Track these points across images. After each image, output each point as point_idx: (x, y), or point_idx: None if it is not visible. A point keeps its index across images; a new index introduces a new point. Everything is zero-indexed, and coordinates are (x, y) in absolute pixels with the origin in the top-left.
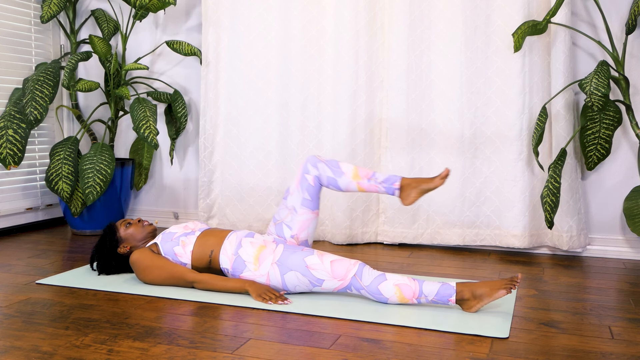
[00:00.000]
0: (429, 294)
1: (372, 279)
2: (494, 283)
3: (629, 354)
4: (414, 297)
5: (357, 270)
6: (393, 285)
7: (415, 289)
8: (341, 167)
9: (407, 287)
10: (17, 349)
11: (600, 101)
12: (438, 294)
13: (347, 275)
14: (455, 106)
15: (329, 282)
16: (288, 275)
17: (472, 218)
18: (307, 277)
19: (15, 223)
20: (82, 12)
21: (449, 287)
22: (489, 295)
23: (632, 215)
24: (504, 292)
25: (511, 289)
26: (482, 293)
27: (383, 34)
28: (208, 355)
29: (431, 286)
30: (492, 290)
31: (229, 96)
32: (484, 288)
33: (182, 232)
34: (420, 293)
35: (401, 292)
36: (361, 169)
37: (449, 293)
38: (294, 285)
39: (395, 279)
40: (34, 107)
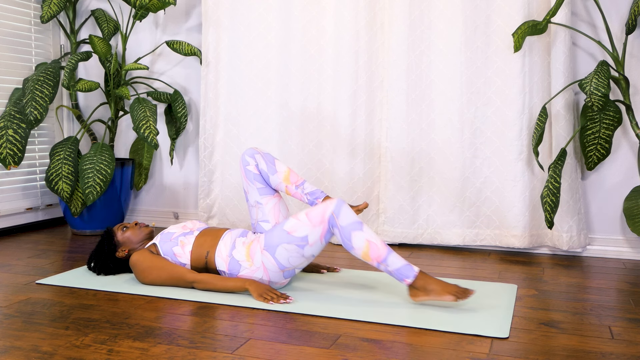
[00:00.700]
0: (390, 265)
1: (350, 222)
2: (448, 286)
3: (629, 354)
4: (376, 260)
5: (335, 207)
6: (365, 240)
7: (382, 254)
8: (275, 165)
9: (375, 248)
10: (17, 349)
11: (600, 101)
12: (398, 270)
13: (325, 216)
14: (455, 106)
15: (312, 233)
16: (277, 252)
17: (472, 218)
18: (293, 243)
19: (15, 223)
20: (82, 12)
21: (411, 270)
22: (438, 294)
23: (632, 215)
24: (451, 298)
25: (459, 299)
26: (432, 289)
27: (383, 34)
28: (208, 355)
29: (396, 260)
30: (442, 291)
31: (229, 96)
32: (436, 286)
33: (181, 232)
34: (384, 260)
35: (368, 249)
36: (293, 174)
37: (407, 275)
38: (287, 259)
39: (370, 235)
40: (34, 107)
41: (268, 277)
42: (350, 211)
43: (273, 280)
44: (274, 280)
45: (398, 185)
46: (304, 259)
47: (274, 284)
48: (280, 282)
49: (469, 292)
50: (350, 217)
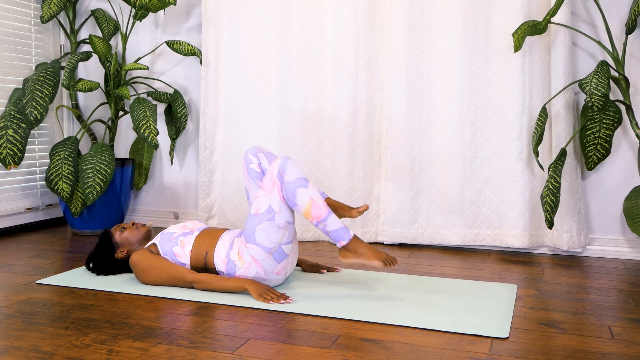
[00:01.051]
0: (329, 225)
1: (296, 177)
2: (378, 253)
3: (629, 354)
4: (316, 219)
5: (281, 164)
6: (308, 197)
7: (322, 213)
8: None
9: (317, 207)
10: (17, 349)
11: (600, 101)
12: (335, 232)
13: (274, 176)
14: (455, 106)
15: (273, 200)
16: (257, 238)
17: (472, 218)
18: (264, 220)
19: (15, 223)
20: (82, 12)
21: (347, 233)
22: (367, 257)
23: (632, 215)
24: (378, 263)
25: (386, 266)
26: (363, 253)
27: (383, 34)
28: (208, 355)
29: (335, 222)
30: (372, 256)
31: (229, 96)
32: (367, 250)
33: (181, 232)
34: (324, 219)
35: (310, 207)
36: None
37: (343, 237)
38: (268, 238)
39: (313, 194)
40: (34, 107)
41: (262, 268)
42: (296, 168)
43: (268, 269)
44: (268, 269)
45: (398, 185)
46: (281, 229)
47: (272, 280)
48: (275, 271)
49: (395, 261)
50: (296, 173)
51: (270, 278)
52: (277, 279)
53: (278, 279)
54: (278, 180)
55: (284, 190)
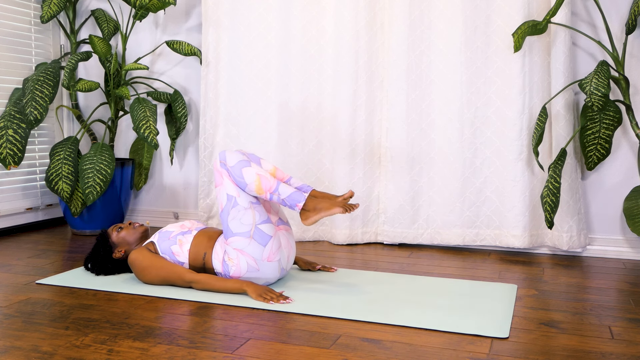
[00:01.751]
0: (282, 193)
1: (237, 160)
2: (335, 201)
3: (629, 354)
4: (268, 192)
5: (220, 155)
6: (255, 174)
7: (272, 185)
8: (262, 164)
9: (266, 180)
10: (17, 349)
11: (600, 101)
12: (289, 197)
13: (217, 167)
14: (455, 106)
15: (228, 188)
16: (232, 228)
17: (472, 218)
18: (229, 209)
19: (15, 223)
20: (82, 12)
21: (300, 195)
22: (327, 209)
23: (632, 215)
24: (339, 210)
25: (347, 211)
26: (321, 207)
27: (383, 34)
28: (208, 355)
29: (287, 189)
30: (330, 206)
31: (229, 96)
32: (325, 203)
33: (179, 230)
34: (275, 189)
35: (260, 182)
36: (279, 171)
37: (298, 199)
38: (240, 223)
39: (258, 170)
40: (34, 107)
41: (251, 257)
42: (235, 154)
43: (256, 256)
44: (257, 255)
45: (398, 185)
46: (248, 210)
47: (267, 271)
48: (265, 256)
49: (354, 206)
50: (236, 157)
51: (264, 268)
52: (272, 268)
53: (273, 269)
54: (223, 169)
55: (231, 175)
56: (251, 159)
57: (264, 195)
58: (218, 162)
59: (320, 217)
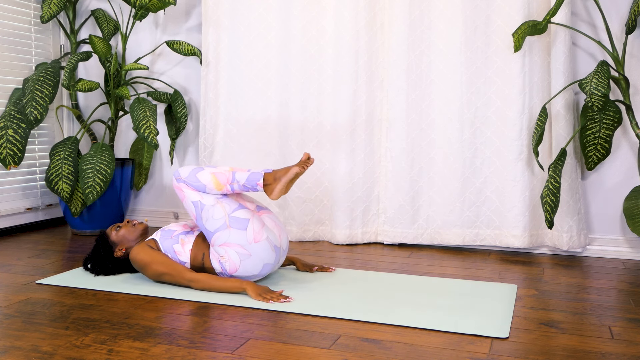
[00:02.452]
0: (240, 179)
1: (190, 170)
2: (290, 167)
3: (629, 354)
4: (227, 183)
5: (174, 175)
6: (209, 173)
7: (229, 176)
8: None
9: (221, 175)
10: (17, 349)
11: (600, 101)
12: (248, 180)
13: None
14: (455, 106)
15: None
16: (210, 228)
17: (472, 218)
18: (199, 214)
19: (15, 223)
20: (82, 12)
21: (257, 174)
22: (284, 174)
23: (632, 215)
24: (296, 169)
25: (303, 168)
26: (279, 175)
27: (383, 34)
28: (208, 355)
29: (243, 174)
30: (287, 170)
31: (229, 96)
32: (281, 171)
33: (182, 230)
34: (233, 179)
35: (217, 179)
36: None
37: (257, 178)
38: (213, 219)
39: (212, 169)
40: (34, 107)
41: (237, 244)
42: (186, 167)
43: (241, 242)
44: (241, 241)
45: (398, 185)
46: (216, 205)
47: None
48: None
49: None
50: (188, 169)
51: (255, 250)
52: (264, 247)
53: (265, 248)
54: (180, 183)
55: (189, 185)
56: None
57: (224, 189)
58: (174, 180)
59: (282, 185)
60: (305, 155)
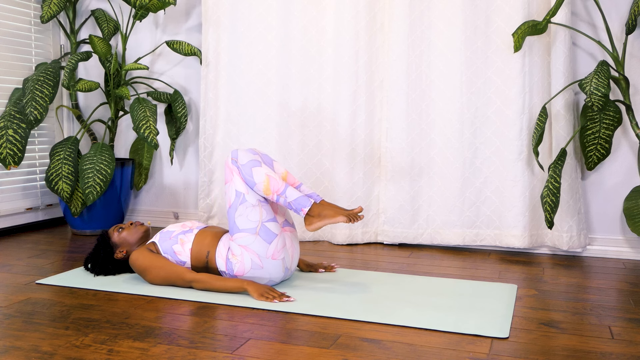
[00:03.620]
0: (289, 196)
1: (248, 159)
2: (340, 209)
3: (629, 354)
4: (276, 193)
5: (232, 152)
6: (264, 174)
7: (280, 187)
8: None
9: (275, 182)
10: (17, 349)
11: (600, 101)
12: (296, 201)
13: (229, 165)
14: (455, 106)
15: (237, 185)
16: (239, 224)
17: (472, 218)
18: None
19: (15, 223)
20: (82, 12)
21: (307, 200)
22: (331, 217)
23: (632, 215)
24: (343, 219)
25: (351, 220)
26: (325, 214)
27: (383, 34)
28: (208, 355)
29: (294, 192)
30: (335, 214)
31: (229, 96)
32: (330, 211)
33: (180, 230)
34: (282, 192)
35: (269, 183)
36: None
37: (304, 204)
38: (247, 219)
39: (268, 171)
40: (34, 107)
41: (255, 253)
42: (247, 153)
43: (261, 253)
44: (261, 252)
45: (398, 185)
46: (256, 207)
47: (271, 269)
48: (270, 254)
49: (359, 216)
50: (248, 156)
51: (268, 266)
52: (276, 266)
53: (277, 268)
54: (234, 166)
55: (242, 173)
56: (263, 159)
57: (270, 196)
58: (230, 159)
59: (323, 224)
60: (359, 208)
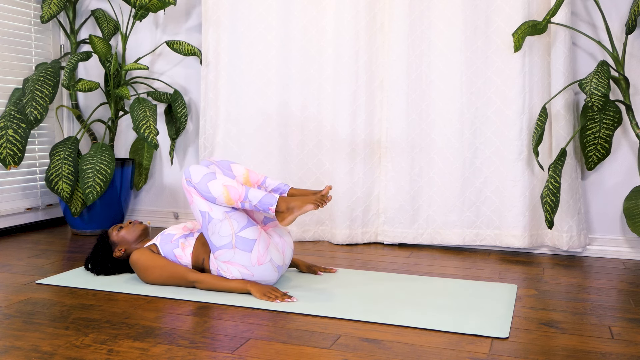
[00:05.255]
0: (253, 199)
1: (202, 175)
2: (307, 198)
3: (629, 354)
4: (239, 200)
5: (184, 174)
6: (222, 185)
7: (242, 193)
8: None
9: (234, 190)
10: (17, 349)
11: (600, 101)
12: (261, 202)
13: (185, 186)
14: (455, 106)
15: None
16: (215, 243)
17: (472, 218)
18: (207, 224)
19: (15, 223)
20: (82, 12)
21: (272, 197)
22: (299, 208)
23: (632, 215)
24: (311, 207)
25: (319, 205)
26: (294, 206)
27: (383, 34)
28: (208, 355)
29: (256, 193)
30: (302, 204)
31: (229, 96)
32: (297, 202)
33: (181, 233)
34: (245, 197)
35: (228, 193)
36: (252, 174)
37: (270, 202)
38: (220, 235)
39: (224, 180)
40: (34, 107)
41: (240, 265)
42: (198, 168)
43: (245, 263)
44: (245, 262)
45: (398, 185)
46: (224, 221)
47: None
48: (255, 261)
49: (327, 198)
50: (200, 172)
51: (257, 272)
52: (266, 270)
53: (267, 271)
54: (190, 187)
55: (199, 191)
56: (220, 166)
57: (235, 205)
58: (184, 180)
59: (294, 217)
60: (326, 189)
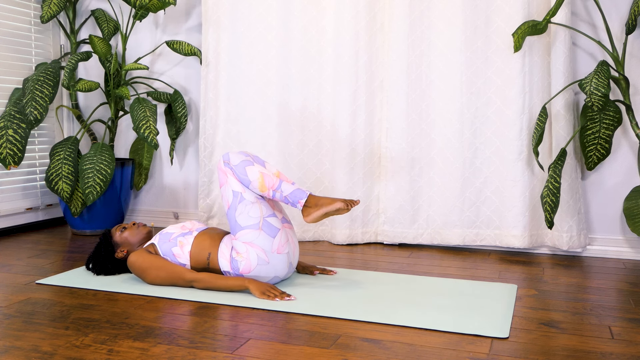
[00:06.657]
0: (284, 191)
1: (240, 160)
2: (336, 198)
3: (629, 354)
4: (271, 188)
5: (224, 155)
6: (258, 172)
7: (275, 182)
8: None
9: (269, 178)
10: (17, 349)
11: (600, 101)
12: (292, 194)
13: (222, 168)
14: (455, 106)
15: (233, 185)
16: (240, 222)
17: (472, 218)
18: (236, 205)
19: (15, 223)
20: (82, 12)
21: (303, 192)
22: (327, 204)
23: (632, 215)
24: (341, 204)
25: (348, 206)
26: (322, 203)
27: (383, 34)
28: (208, 355)
29: (289, 186)
30: (331, 201)
31: (229, 96)
32: (326, 199)
33: (180, 232)
34: (278, 187)
35: (263, 180)
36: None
37: (300, 196)
38: (248, 216)
39: (261, 168)
40: (34, 107)
41: (260, 249)
42: (238, 154)
43: (266, 248)
44: (267, 247)
45: (398, 185)
46: (255, 204)
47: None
48: (275, 248)
49: (355, 201)
50: (239, 157)
51: (274, 260)
52: (282, 260)
53: (283, 262)
54: (227, 168)
55: (235, 173)
56: (255, 160)
57: (266, 193)
58: (222, 162)
59: (321, 213)
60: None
